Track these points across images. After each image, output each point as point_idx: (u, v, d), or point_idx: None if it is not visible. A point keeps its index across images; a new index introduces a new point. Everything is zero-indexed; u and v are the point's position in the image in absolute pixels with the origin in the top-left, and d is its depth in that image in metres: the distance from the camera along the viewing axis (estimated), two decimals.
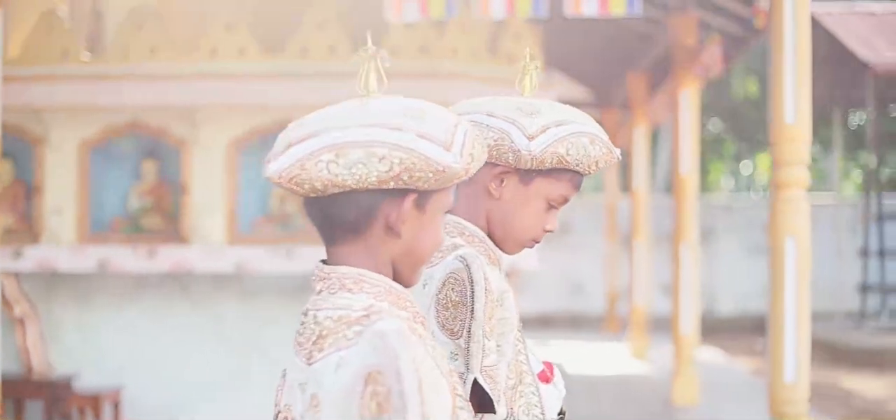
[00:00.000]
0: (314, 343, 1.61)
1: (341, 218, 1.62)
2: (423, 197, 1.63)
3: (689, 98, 9.03)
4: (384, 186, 1.59)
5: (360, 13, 7.10)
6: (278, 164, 1.61)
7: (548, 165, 2.07)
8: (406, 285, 1.69)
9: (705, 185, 25.36)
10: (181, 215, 7.34)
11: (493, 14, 5.76)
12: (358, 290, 1.62)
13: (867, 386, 10.64)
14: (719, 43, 8.34)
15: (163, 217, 7.47)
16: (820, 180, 24.79)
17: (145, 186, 7.52)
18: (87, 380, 7.23)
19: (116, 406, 7.17)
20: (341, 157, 1.57)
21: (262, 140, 7.32)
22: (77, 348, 7.51)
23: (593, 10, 5.80)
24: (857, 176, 23.51)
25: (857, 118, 20.82)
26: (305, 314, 1.65)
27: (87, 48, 7.68)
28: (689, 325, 9.01)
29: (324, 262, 1.67)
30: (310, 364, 1.61)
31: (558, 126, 2.07)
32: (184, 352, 7.50)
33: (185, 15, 7.64)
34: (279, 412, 1.69)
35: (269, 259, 7.12)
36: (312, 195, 1.62)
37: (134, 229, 7.43)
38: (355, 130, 1.58)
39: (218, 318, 7.52)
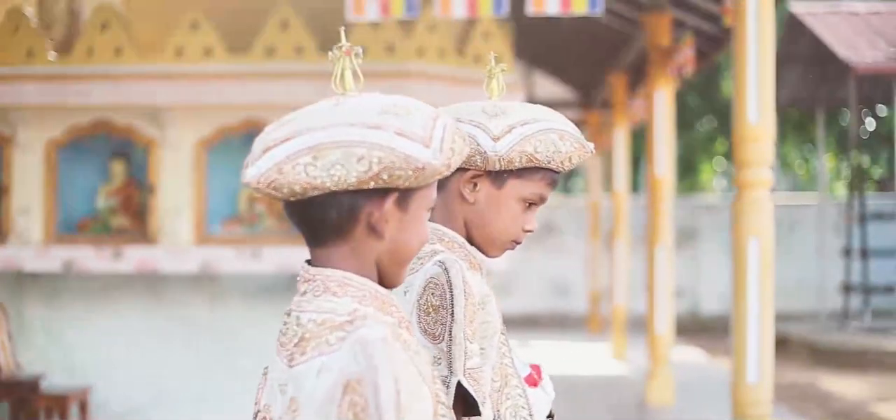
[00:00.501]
0: (296, 345, 1.58)
1: (323, 220, 1.59)
2: (404, 195, 1.60)
3: (663, 98, 9.00)
4: (364, 187, 1.56)
5: (323, 12, 7.07)
6: (256, 169, 1.58)
7: (518, 165, 2.05)
8: (391, 285, 1.67)
9: (697, 185, 25.35)
10: (149, 216, 7.31)
11: (454, 13, 5.72)
12: (342, 293, 1.59)
13: (846, 387, 10.62)
14: (692, 43, 8.30)
15: (131, 217, 7.45)
16: (811, 180, 24.80)
17: (114, 186, 7.50)
18: (56, 380, 7.20)
19: (83, 406, 7.13)
20: (319, 159, 1.54)
21: (229, 140, 7.30)
22: (46, 348, 7.49)
23: (555, 9, 5.76)
24: (849, 175, 23.54)
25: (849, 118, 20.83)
26: (288, 315, 1.62)
27: (64, 48, 7.65)
28: (664, 325, 8.99)
29: (309, 262, 1.65)
30: (291, 366, 1.59)
31: (524, 125, 2.06)
32: (152, 352, 7.47)
33: (150, 15, 7.62)
34: (258, 411, 1.67)
35: (235, 260, 7.09)
36: (292, 199, 1.59)
37: (102, 230, 7.41)
38: (332, 131, 1.55)
39: (187, 319, 7.49)
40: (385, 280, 1.66)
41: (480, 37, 7.28)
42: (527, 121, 2.06)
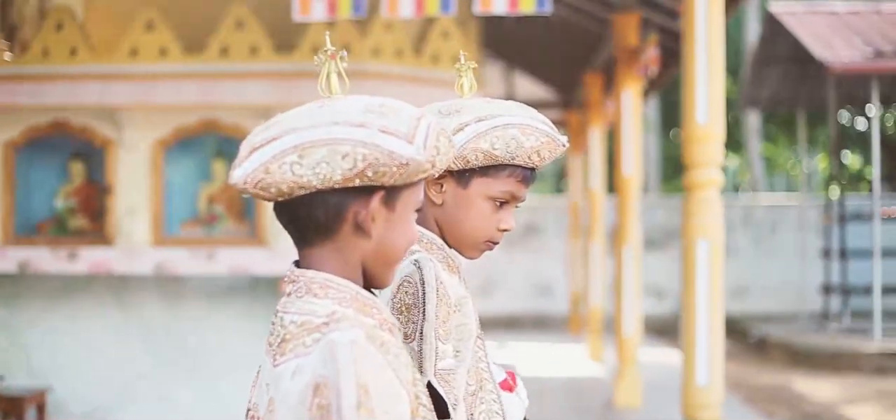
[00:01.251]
0: (278, 346, 1.61)
1: (310, 220, 1.61)
2: (391, 194, 1.62)
3: (631, 98, 8.96)
4: (350, 185, 1.58)
5: (275, 12, 7.04)
6: (243, 170, 1.60)
7: (476, 163, 2.02)
8: (380, 286, 1.69)
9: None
10: (107, 216, 7.28)
11: (401, 13, 5.68)
12: (323, 295, 1.61)
13: (820, 388, 10.58)
14: (656, 42, 8.26)
15: (90, 218, 7.41)
16: (804, 181, 24.75)
17: (73, 187, 7.47)
18: (15, 381, 7.17)
19: (41, 408, 7.10)
20: (305, 158, 1.56)
21: (186, 141, 7.27)
22: (5, 350, 7.45)
23: (502, 8, 5.72)
24: (841, 176, 23.50)
25: (845, 120, 20.80)
26: (275, 315, 1.65)
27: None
28: (631, 326, 8.95)
29: (296, 263, 1.67)
30: (274, 366, 1.61)
31: (479, 122, 2.01)
32: (110, 353, 7.44)
33: (105, 15, 7.58)
34: (249, 410, 1.70)
35: (190, 261, 7.06)
36: (280, 199, 1.61)
37: (60, 231, 7.37)
38: (317, 130, 1.57)
39: (145, 321, 7.46)
40: (372, 281, 1.68)
41: (439, 36, 7.24)
42: (482, 117, 2.02)
